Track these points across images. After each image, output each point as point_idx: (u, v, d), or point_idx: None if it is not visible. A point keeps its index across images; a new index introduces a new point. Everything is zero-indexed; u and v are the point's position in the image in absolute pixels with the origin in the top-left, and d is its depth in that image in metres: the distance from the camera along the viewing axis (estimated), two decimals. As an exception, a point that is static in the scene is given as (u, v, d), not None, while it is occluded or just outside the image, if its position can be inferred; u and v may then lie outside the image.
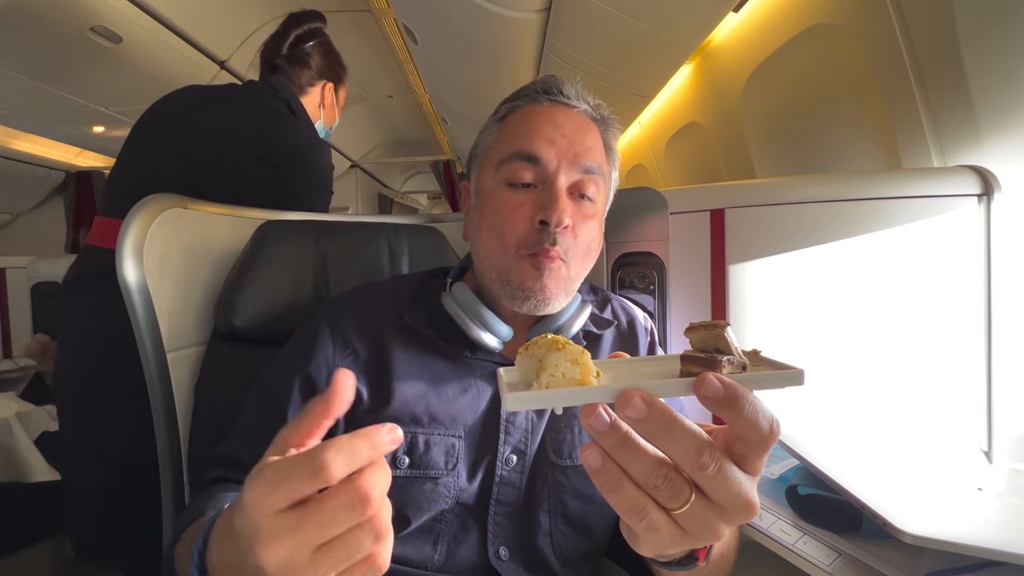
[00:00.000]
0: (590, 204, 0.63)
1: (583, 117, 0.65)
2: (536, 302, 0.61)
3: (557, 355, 0.34)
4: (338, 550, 0.31)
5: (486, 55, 2.14)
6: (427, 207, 7.38)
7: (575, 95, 0.65)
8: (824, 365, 0.92)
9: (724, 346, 0.34)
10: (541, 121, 0.63)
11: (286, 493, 0.30)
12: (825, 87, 1.40)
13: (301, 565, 0.30)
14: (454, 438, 0.62)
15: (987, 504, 0.66)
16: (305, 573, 0.30)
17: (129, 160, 1.22)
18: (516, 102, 0.67)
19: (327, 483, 0.30)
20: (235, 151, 1.16)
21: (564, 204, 0.60)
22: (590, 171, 0.62)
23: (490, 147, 0.67)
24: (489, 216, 0.64)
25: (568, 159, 0.61)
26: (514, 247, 0.61)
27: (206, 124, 1.19)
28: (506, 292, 0.63)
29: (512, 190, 0.62)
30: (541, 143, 0.61)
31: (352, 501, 0.30)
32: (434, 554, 0.62)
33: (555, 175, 0.61)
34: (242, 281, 0.80)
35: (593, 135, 0.64)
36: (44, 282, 2.78)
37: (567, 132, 0.62)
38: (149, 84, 2.41)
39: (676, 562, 0.43)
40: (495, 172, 0.64)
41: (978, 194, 0.89)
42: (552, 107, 0.64)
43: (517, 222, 0.61)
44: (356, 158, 4.61)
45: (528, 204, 0.61)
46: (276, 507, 0.30)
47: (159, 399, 0.77)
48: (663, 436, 0.31)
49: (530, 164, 0.62)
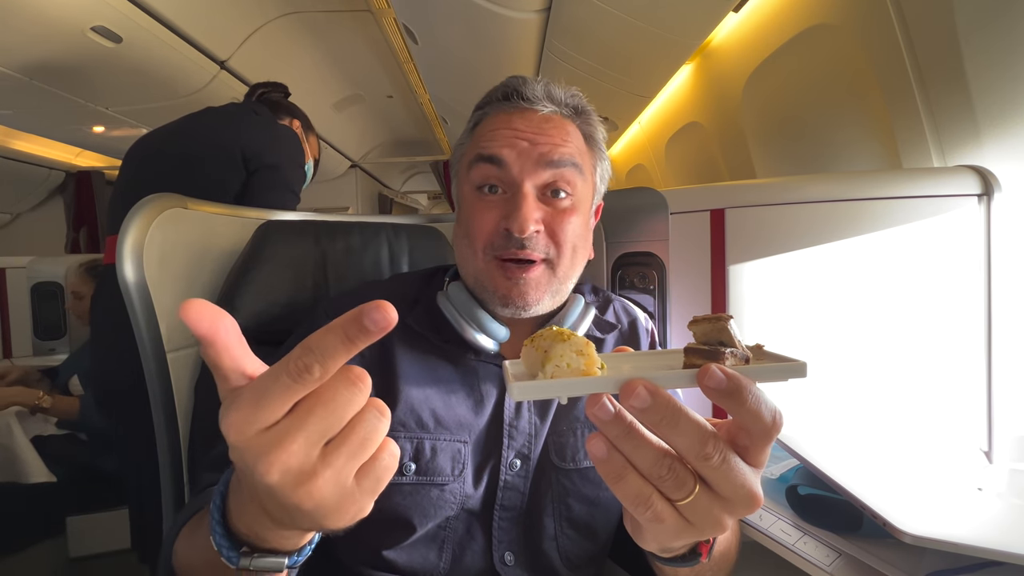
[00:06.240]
0: (567, 199, 0.62)
1: (549, 116, 0.63)
2: (516, 308, 0.61)
3: (562, 346, 0.34)
4: (350, 438, 0.29)
5: (486, 55, 2.14)
6: (427, 207, 7.38)
7: (538, 95, 0.63)
8: (825, 365, 0.92)
9: (728, 339, 0.34)
10: (502, 126, 0.62)
11: (273, 407, 0.28)
12: (825, 87, 1.40)
13: (313, 467, 0.28)
14: (460, 443, 0.62)
15: (987, 504, 0.66)
16: (320, 475, 0.28)
17: (122, 178, 1.43)
18: (483, 110, 0.66)
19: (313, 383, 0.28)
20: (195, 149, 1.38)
21: (528, 211, 0.59)
22: (561, 165, 0.61)
23: (463, 155, 0.67)
24: (462, 221, 0.64)
25: (532, 160, 0.60)
26: (482, 249, 0.61)
27: (176, 132, 1.43)
28: (486, 296, 0.63)
29: (480, 195, 0.62)
30: (501, 147, 0.61)
31: (350, 378, 0.29)
32: (439, 561, 0.62)
33: (520, 179, 0.60)
34: (242, 281, 0.79)
35: (563, 131, 0.63)
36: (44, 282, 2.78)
37: (529, 134, 0.61)
38: (149, 84, 2.41)
39: (679, 558, 0.43)
40: (466, 177, 0.64)
41: (978, 194, 0.89)
42: (513, 112, 0.63)
43: (484, 225, 0.61)
44: (356, 158, 4.60)
45: (495, 208, 0.61)
46: (264, 424, 0.28)
47: (159, 399, 0.77)
48: (667, 426, 0.31)
49: (493, 166, 0.61)
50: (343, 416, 0.29)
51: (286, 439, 0.28)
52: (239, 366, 0.29)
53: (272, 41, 2.56)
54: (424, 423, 0.61)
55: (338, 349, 0.27)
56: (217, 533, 0.35)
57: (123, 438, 1.39)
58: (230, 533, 0.35)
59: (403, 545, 0.60)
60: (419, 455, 0.60)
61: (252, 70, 2.56)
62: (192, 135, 1.41)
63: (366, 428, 0.30)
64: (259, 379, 0.28)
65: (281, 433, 0.28)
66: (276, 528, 0.33)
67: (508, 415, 0.64)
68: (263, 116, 1.49)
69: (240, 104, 1.56)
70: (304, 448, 0.28)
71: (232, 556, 0.34)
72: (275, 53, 2.64)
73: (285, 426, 0.28)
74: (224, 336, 0.28)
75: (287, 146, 1.48)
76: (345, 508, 0.30)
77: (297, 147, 1.50)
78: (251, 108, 1.50)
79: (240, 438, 0.28)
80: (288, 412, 0.28)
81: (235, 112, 1.47)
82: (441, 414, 0.62)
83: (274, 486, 0.28)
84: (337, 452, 0.29)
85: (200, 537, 0.39)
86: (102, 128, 3.03)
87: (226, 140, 1.38)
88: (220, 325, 0.28)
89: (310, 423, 0.28)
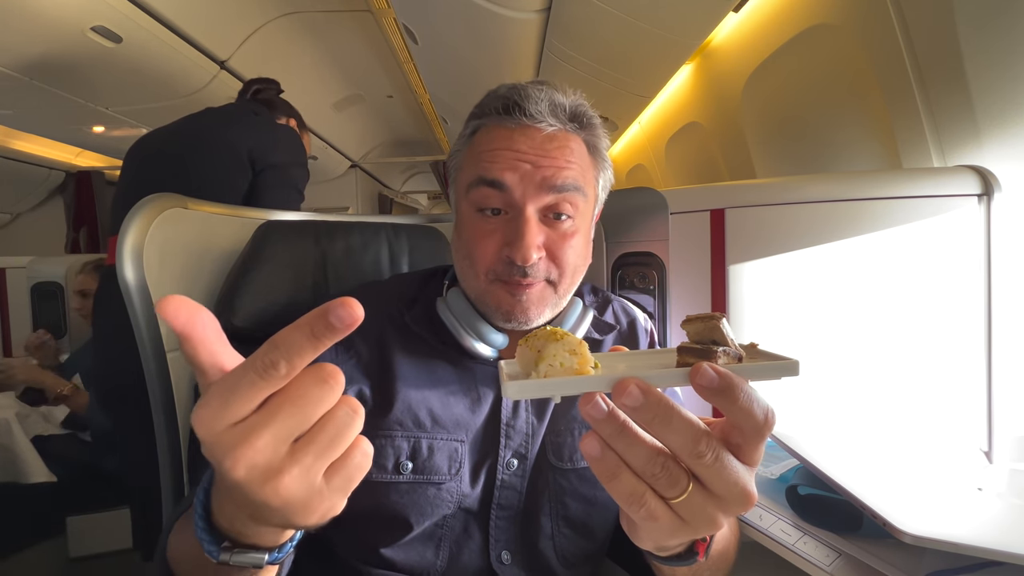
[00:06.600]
0: (569, 222, 0.61)
1: (552, 134, 0.59)
2: (517, 322, 0.61)
3: (555, 345, 0.34)
4: (319, 436, 0.29)
5: (486, 55, 2.14)
6: (427, 207, 7.38)
7: (541, 112, 0.59)
8: (825, 365, 0.92)
9: (720, 337, 0.35)
10: (503, 147, 0.59)
11: (240, 403, 0.28)
12: (825, 87, 1.40)
13: (280, 464, 0.28)
14: (457, 442, 0.62)
15: (987, 504, 0.66)
16: (287, 472, 0.28)
17: (124, 180, 1.44)
18: (481, 120, 0.63)
19: (280, 380, 0.28)
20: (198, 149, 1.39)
21: (531, 240, 0.57)
22: (564, 190, 0.59)
23: (461, 168, 0.65)
24: (462, 241, 0.63)
25: (535, 184, 0.58)
26: (484, 273, 0.61)
27: (177, 132, 1.44)
28: (487, 311, 0.63)
29: (481, 216, 0.61)
30: (503, 170, 0.58)
31: (321, 376, 0.29)
32: (436, 560, 0.62)
33: (522, 203, 0.58)
34: (242, 281, 0.79)
35: (567, 150, 0.60)
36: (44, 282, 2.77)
37: (531, 156, 0.58)
38: (149, 84, 2.41)
39: (676, 557, 0.43)
40: (465, 197, 0.62)
41: (978, 194, 0.89)
42: (515, 129, 0.59)
43: (486, 251, 0.60)
44: (356, 158, 4.61)
45: (497, 233, 0.60)
46: (231, 420, 0.28)
47: (159, 399, 0.77)
48: (660, 424, 0.31)
49: (495, 190, 0.59)
50: (312, 414, 0.29)
51: (252, 435, 0.28)
52: (217, 361, 0.29)
53: (272, 41, 2.56)
54: (421, 422, 0.61)
55: (304, 346, 0.27)
56: (200, 527, 0.35)
57: (124, 438, 1.40)
58: (212, 528, 0.35)
59: (400, 543, 0.60)
60: (416, 454, 0.60)
61: (252, 70, 2.56)
62: (196, 136, 1.41)
63: (336, 426, 0.30)
64: (228, 375, 0.28)
65: (248, 429, 0.28)
66: (253, 524, 0.33)
67: (505, 415, 0.64)
68: (263, 116, 1.50)
69: (238, 104, 1.56)
70: (271, 445, 0.28)
71: (213, 550, 0.35)
72: (275, 53, 2.64)
73: (252, 423, 0.28)
74: (201, 331, 0.28)
75: (290, 146, 1.50)
76: (314, 506, 0.30)
77: (300, 146, 1.53)
78: (251, 109, 1.51)
79: (208, 433, 0.28)
80: (257, 409, 0.28)
81: (235, 112, 1.48)
82: (438, 413, 0.62)
83: (241, 482, 0.28)
84: (305, 450, 0.29)
85: (188, 531, 0.39)
86: (102, 128, 3.03)
87: (232, 142, 1.40)
88: (197, 320, 0.28)
89: (277, 420, 0.28)
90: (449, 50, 2.28)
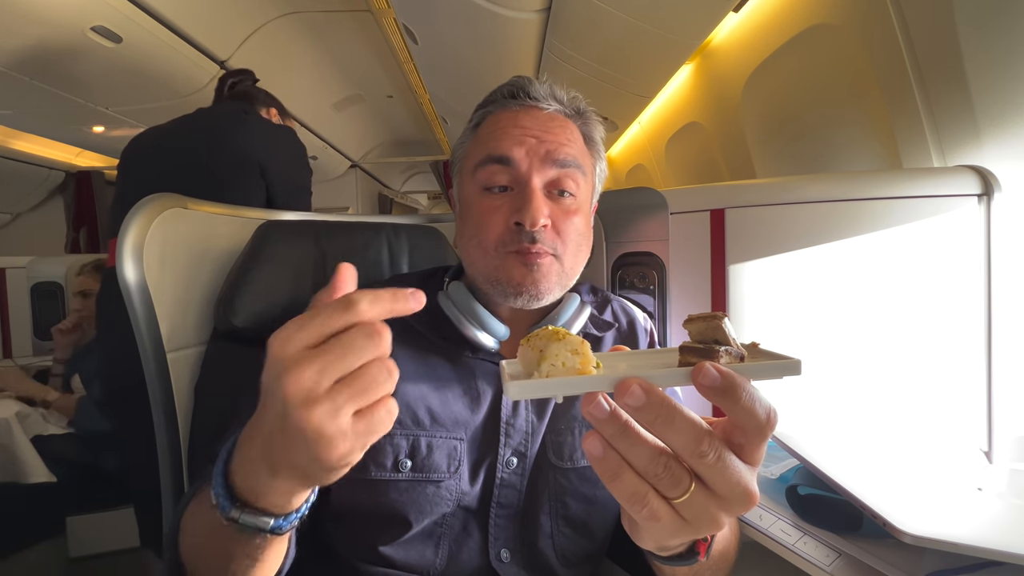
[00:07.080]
0: (571, 199, 0.64)
1: (554, 115, 0.65)
2: (528, 297, 0.62)
3: (557, 345, 0.35)
4: (355, 383, 0.33)
5: (486, 55, 2.14)
6: (427, 207, 7.38)
7: (543, 94, 0.65)
8: (825, 365, 0.92)
9: (722, 337, 0.35)
10: (509, 124, 0.64)
11: (316, 328, 0.32)
12: (825, 87, 1.40)
13: (319, 396, 0.32)
14: (456, 440, 0.62)
15: (987, 504, 0.66)
16: (321, 404, 0.32)
17: (122, 181, 1.44)
18: (487, 108, 0.67)
19: (355, 317, 0.33)
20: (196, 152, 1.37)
21: (539, 204, 0.60)
22: (566, 165, 0.62)
23: (466, 155, 0.68)
24: (470, 223, 0.65)
25: (539, 157, 0.62)
26: (494, 247, 0.62)
27: (172, 134, 1.44)
28: (497, 290, 0.63)
29: (488, 195, 0.63)
30: (510, 145, 0.62)
31: (370, 331, 0.33)
32: (435, 558, 0.62)
33: (528, 175, 0.62)
34: (242, 281, 0.79)
35: (567, 130, 0.65)
36: (44, 282, 2.78)
37: (536, 132, 0.63)
38: (149, 84, 2.41)
39: (677, 556, 0.43)
40: (472, 178, 0.65)
41: (978, 194, 0.89)
42: (520, 110, 0.64)
43: (494, 224, 0.62)
44: (356, 158, 4.61)
45: (504, 207, 0.62)
46: (303, 343, 0.32)
47: (159, 399, 0.77)
48: (662, 424, 0.31)
49: (502, 166, 0.62)
50: (355, 360, 0.33)
51: (304, 363, 0.32)
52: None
53: (272, 41, 2.56)
54: (420, 420, 0.61)
55: (384, 299, 0.34)
56: (218, 484, 0.38)
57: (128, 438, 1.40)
58: (229, 486, 0.38)
59: (400, 541, 0.60)
60: (415, 452, 0.60)
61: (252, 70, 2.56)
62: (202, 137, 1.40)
63: (372, 377, 0.33)
64: (311, 311, 0.33)
65: (303, 359, 0.32)
66: (271, 479, 0.36)
67: (505, 413, 0.64)
68: (252, 115, 1.49)
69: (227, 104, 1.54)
70: (315, 377, 0.32)
71: (225, 505, 0.38)
72: (275, 53, 2.64)
73: (309, 355, 0.32)
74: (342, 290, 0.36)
75: (292, 146, 1.49)
76: (336, 443, 0.33)
77: (299, 145, 1.52)
78: (239, 108, 1.49)
79: (279, 350, 0.32)
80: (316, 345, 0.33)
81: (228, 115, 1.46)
82: (437, 411, 0.62)
83: (286, 399, 0.32)
84: (341, 390, 0.32)
85: (204, 503, 0.42)
86: (102, 128, 3.03)
87: (244, 149, 1.39)
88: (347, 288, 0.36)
89: (326, 357, 0.32)
90: (449, 50, 2.28)
